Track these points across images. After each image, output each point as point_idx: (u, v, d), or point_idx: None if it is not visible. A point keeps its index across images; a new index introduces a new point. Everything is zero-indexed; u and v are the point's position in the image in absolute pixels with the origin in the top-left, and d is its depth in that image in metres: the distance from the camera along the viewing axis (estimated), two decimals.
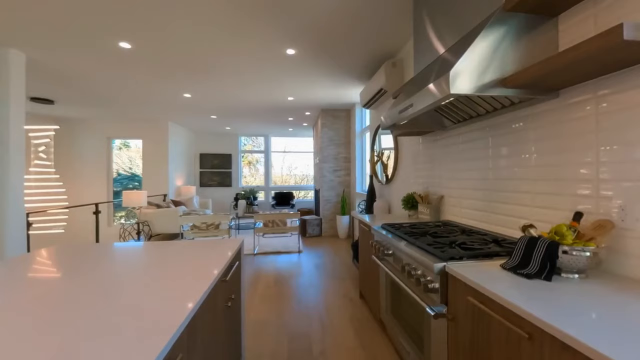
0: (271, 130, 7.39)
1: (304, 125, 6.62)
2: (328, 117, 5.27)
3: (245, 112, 5.37)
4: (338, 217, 5.03)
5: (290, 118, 5.88)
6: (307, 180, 8.74)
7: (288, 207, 7.60)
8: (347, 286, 2.90)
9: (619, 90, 0.97)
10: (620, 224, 0.96)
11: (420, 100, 1.35)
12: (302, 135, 8.10)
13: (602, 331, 0.62)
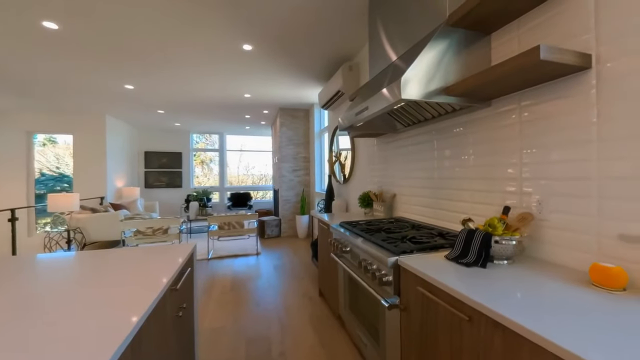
0: (226, 127, 7.06)
1: (262, 123, 6.47)
2: (287, 116, 5.23)
3: (197, 108, 5.05)
4: (297, 217, 5.03)
5: (247, 116, 5.69)
6: (266, 180, 8.56)
7: (245, 208, 7.34)
8: (307, 285, 2.91)
9: (538, 102, 1.14)
10: (538, 216, 1.13)
11: (375, 104, 1.42)
12: (260, 134, 7.89)
13: (525, 308, 0.73)
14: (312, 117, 5.09)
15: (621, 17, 0.88)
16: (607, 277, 0.83)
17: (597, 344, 0.57)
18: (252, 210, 7.28)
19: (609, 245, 0.92)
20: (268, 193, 8.47)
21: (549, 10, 1.09)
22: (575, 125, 1.01)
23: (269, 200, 8.17)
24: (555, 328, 0.63)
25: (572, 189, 1.02)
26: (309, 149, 5.36)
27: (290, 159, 5.29)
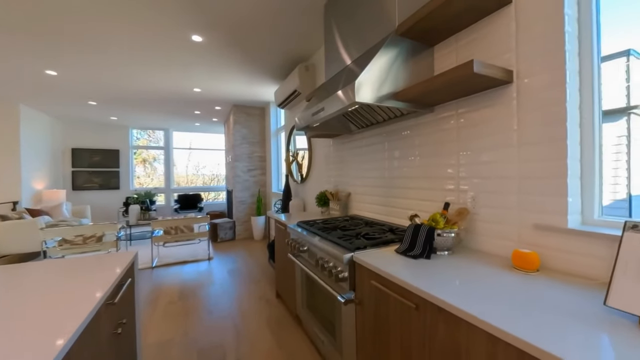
0: (173, 123, 6.52)
1: (214, 120, 6.13)
2: (241, 113, 5.04)
3: (138, 101, 4.57)
4: (253, 218, 4.88)
5: (197, 112, 5.33)
6: (218, 181, 8.13)
7: (195, 210, 6.87)
8: (264, 288, 2.85)
9: (471, 109, 1.29)
10: (473, 210, 1.28)
11: (331, 105, 1.45)
12: (212, 131, 7.43)
13: (462, 293, 0.82)
14: (268, 115, 5.00)
15: (535, 41, 1.05)
16: (525, 261, 0.98)
17: (513, 317, 0.67)
18: (203, 212, 6.85)
19: (526, 234, 1.08)
20: (221, 194, 8.06)
21: (480, 29, 1.24)
22: (500, 131, 1.17)
23: (222, 201, 7.78)
24: (484, 308, 0.72)
25: (497, 186, 1.18)
26: (265, 148, 5.25)
27: (245, 158, 5.12)
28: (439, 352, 0.82)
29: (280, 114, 4.79)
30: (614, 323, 0.64)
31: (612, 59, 3.04)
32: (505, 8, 1.13)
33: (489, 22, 1.20)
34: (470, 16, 1.21)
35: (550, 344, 0.57)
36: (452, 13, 1.19)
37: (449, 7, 1.14)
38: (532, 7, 1.05)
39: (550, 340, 0.58)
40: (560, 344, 0.57)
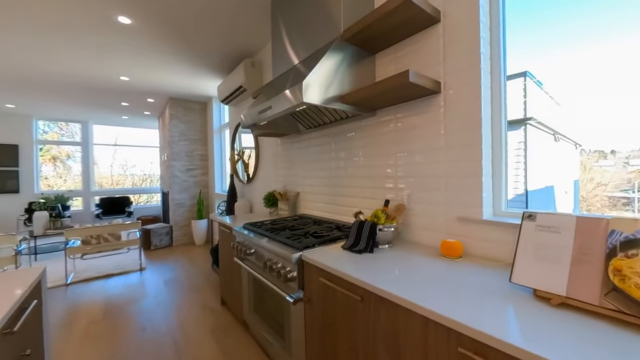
0: (94, 115, 5.63)
1: (146, 114, 5.48)
2: (179, 108, 4.61)
3: (45, 86, 3.81)
4: (194, 222, 4.52)
5: (124, 103, 4.70)
6: (152, 181, 7.31)
7: (122, 216, 6.05)
8: (207, 296, 2.66)
9: (407, 115, 1.42)
10: (408, 206, 1.41)
11: (278, 104, 1.44)
12: (143, 126, 6.62)
13: (400, 282, 0.89)
14: (210, 111, 4.68)
15: (457, 58, 1.21)
16: (450, 249, 1.12)
17: (441, 299, 0.76)
18: (133, 217, 6.08)
19: (452, 225, 1.24)
20: (155, 196, 7.26)
21: (415, 42, 1.37)
22: (430, 136, 1.31)
23: (156, 204, 7.02)
24: (418, 294, 0.81)
25: (428, 184, 1.32)
26: (208, 145, 4.91)
27: (184, 157, 4.71)
28: (382, 339, 0.89)
29: (224, 110, 4.54)
30: (516, 296, 0.78)
31: (514, 78, 3.69)
32: (435, 26, 1.28)
33: (422, 37, 1.34)
34: (406, 30, 1.33)
35: (469, 319, 0.66)
36: (390, 25, 1.29)
37: (388, 19, 1.24)
38: (456, 28, 1.21)
39: (469, 315, 0.68)
40: (476, 317, 0.67)
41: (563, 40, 1.80)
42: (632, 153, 3.05)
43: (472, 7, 1.15)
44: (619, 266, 0.67)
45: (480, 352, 0.63)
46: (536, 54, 1.85)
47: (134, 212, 6.25)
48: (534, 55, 1.88)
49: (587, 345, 0.56)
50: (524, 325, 0.64)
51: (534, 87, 4.51)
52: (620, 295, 0.65)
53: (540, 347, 0.55)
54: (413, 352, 0.79)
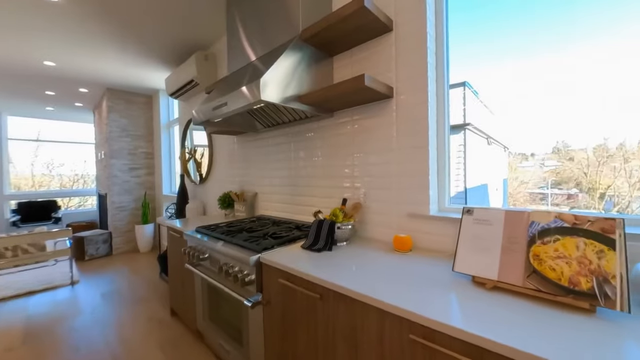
0: (8, 106, 4.74)
1: (78, 105, 4.80)
2: (119, 100, 4.14)
3: None
4: (138, 227, 4.10)
5: (49, 92, 4.06)
6: (85, 182, 6.44)
7: (48, 222, 5.22)
8: (154, 307, 2.44)
9: (363, 117, 1.48)
10: (364, 204, 1.47)
11: (234, 101, 1.38)
12: (75, 119, 5.77)
13: (357, 277, 0.93)
14: (157, 105, 4.29)
15: (408, 65, 1.29)
16: (402, 244, 1.20)
17: (393, 291, 0.81)
18: (62, 224, 5.29)
19: (403, 221, 1.32)
20: (90, 199, 6.41)
21: (371, 48, 1.43)
22: (384, 138, 1.38)
23: (92, 209, 6.20)
24: (373, 288, 0.85)
25: (382, 183, 1.40)
26: (154, 143, 4.49)
27: (125, 155, 4.24)
28: (341, 334, 0.91)
29: (173, 105, 4.20)
30: (458, 283, 0.87)
31: (455, 87, 4.11)
32: (388, 34, 1.35)
33: (377, 43, 1.40)
34: (362, 35, 1.39)
35: (418, 307, 0.72)
36: (347, 30, 1.33)
37: (345, 23, 1.28)
38: (406, 38, 1.30)
39: (418, 304, 0.74)
40: (425, 305, 0.73)
41: (494, 56, 2.07)
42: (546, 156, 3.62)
43: (420, 19, 1.24)
44: (537, 252, 0.79)
45: (428, 336, 0.69)
46: (473, 66, 2.09)
47: (63, 218, 5.42)
48: (471, 67, 2.12)
49: (513, 321, 0.64)
50: (464, 308, 0.71)
51: (472, 96, 5.07)
52: (538, 277, 0.76)
53: (477, 326, 0.62)
54: (370, 343, 0.83)
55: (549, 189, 3.52)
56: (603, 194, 3.07)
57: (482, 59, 2.03)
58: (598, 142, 2.61)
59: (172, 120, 4.18)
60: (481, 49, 2.00)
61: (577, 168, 3.29)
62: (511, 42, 1.95)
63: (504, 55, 2.02)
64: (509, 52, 2.00)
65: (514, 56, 1.97)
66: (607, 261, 0.68)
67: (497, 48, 2.02)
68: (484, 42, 2.00)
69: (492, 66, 2.05)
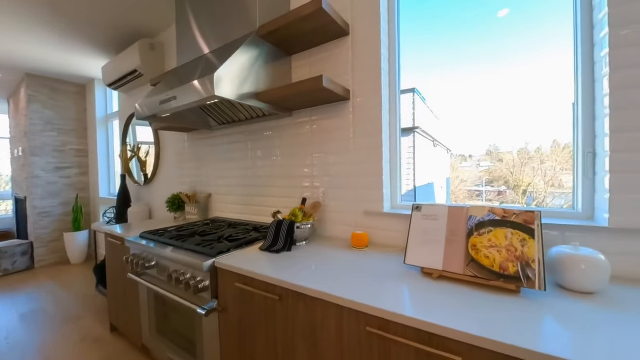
0: None
1: None
2: (42, 88, 3.55)
3: None
4: (68, 235, 3.57)
5: None
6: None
7: None
8: (89, 325, 2.15)
9: (322, 118, 1.50)
10: (324, 204, 1.49)
11: (185, 95, 1.29)
12: None
13: (316, 276, 0.94)
14: (92, 96, 3.79)
15: (363, 70, 1.35)
16: (359, 240, 1.25)
17: (351, 286, 0.84)
18: None
19: (360, 219, 1.38)
20: (4, 204, 5.39)
21: (329, 50, 1.46)
22: (342, 138, 1.42)
23: (6, 215, 5.21)
24: (332, 285, 0.87)
25: (341, 183, 1.43)
26: (88, 139, 3.96)
27: (50, 152, 3.66)
28: (301, 333, 0.91)
29: (112, 97, 3.76)
30: (409, 275, 0.93)
31: (405, 93, 4.40)
32: (346, 38, 1.39)
33: (335, 46, 1.43)
34: (320, 37, 1.40)
35: (374, 300, 0.75)
36: (306, 30, 1.33)
37: (303, 23, 1.28)
38: (362, 43, 1.35)
39: (374, 297, 0.77)
40: (379, 297, 0.77)
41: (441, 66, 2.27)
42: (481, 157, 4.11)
43: (375, 26, 1.31)
44: (474, 243, 0.89)
45: (384, 327, 0.73)
46: (421, 74, 2.27)
47: None
48: (419, 75, 2.29)
49: (455, 305, 0.71)
50: (414, 298, 0.77)
51: (420, 102, 5.50)
52: (476, 265, 0.85)
53: (425, 314, 0.68)
54: (329, 340, 0.84)
55: (484, 187, 4.01)
56: (525, 190, 3.59)
57: (429, 68, 2.21)
58: (521, 145, 3.05)
59: (110, 114, 3.74)
60: (429, 59, 2.18)
61: (505, 168, 3.80)
62: (454, 54, 2.17)
63: (447, 66, 2.23)
64: (451, 62, 2.22)
65: (456, 67, 2.19)
66: (529, 248, 0.80)
67: (443, 59, 2.23)
68: (431, 52, 2.19)
69: (438, 75, 2.26)
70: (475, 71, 2.09)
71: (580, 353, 0.52)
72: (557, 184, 3.70)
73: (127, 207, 2.73)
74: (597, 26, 0.94)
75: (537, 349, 0.54)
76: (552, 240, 0.95)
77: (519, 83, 1.97)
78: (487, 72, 2.01)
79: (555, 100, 1.42)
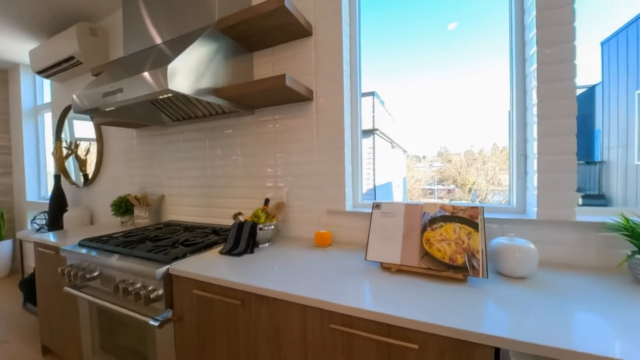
0: None
1: None
2: None
3: None
4: None
5: None
6: None
7: None
8: (15, 349, 1.85)
9: (285, 117, 1.48)
10: (287, 204, 1.48)
11: (133, 88, 1.18)
12: None
13: (280, 277, 0.92)
14: (16, 84, 3.27)
15: (325, 71, 1.36)
16: (322, 239, 1.26)
17: (314, 285, 0.85)
18: None
19: (323, 218, 1.39)
20: None
21: (293, 49, 1.45)
22: (306, 138, 1.42)
23: None
24: (295, 285, 0.86)
25: (304, 182, 1.44)
26: (12, 134, 3.40)
27: None
28: (264, 335, 0.89)
29: (42, 86, 3.28)
30: (369, 270, 0.97)
31: (365, 96, 4.59)
32: (309, 38, 1.40)
33: (298, 45, 1.43)
34: (283, 35, 1.39)
35: (336, 297, 0.77)
36: (268, 26, 1.31)
37: (265, 20, 1.25)
38: (325, 44, 1.36)
39: (336, 294, 0.79)
40: (342, 294, 0.79)
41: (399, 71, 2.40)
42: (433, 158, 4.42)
43: (336, 28, 1.33)
44: (428, 237, 0.95)
45: (347, 323, 0.75)
46: (380, 78, 2.38)
47: None
48: (379, 79, 2.40)
49: (411, 297, 0.76)
50: (375, 292, 0.80)
51: (379, 105, 5.76)
52: (429, 257, 0.92)
53: (384, 306, 0.71)
54: (293, 341, 0.84)
55: (435, 185, 4.32)
56: (470, 188, 3.95)
57: (388, 72, 2.33)
58: (467, 148, 3.36)
59: (40, 106, 3.26)
60: (388, 64, 2.29)
61: (454, 168, 4.13)
62: (410, 61, 2.31)
63: (404, 71, 2.37)
64: (408, 69, 2.36)
65: (411, 73, 2.34)
66: (474, 240, 0.88)
67: (400, 65, 2.36)
68: (390, 58, 2.31)
69: (395, 80, 2.39)
70: (428, 78, 2.25)
71: (514, 330, 0.59)
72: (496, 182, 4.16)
73: (63, 211, 2.40)
74: (528, 44, 1.08)
75: (480, 331, 0.60)
76: (493, 233, 1.06)
77: (466, 91, 2.17)
78: (438, 79, 2.19)
79: (495, 107, 1.59)
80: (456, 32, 1.82)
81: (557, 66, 0.97)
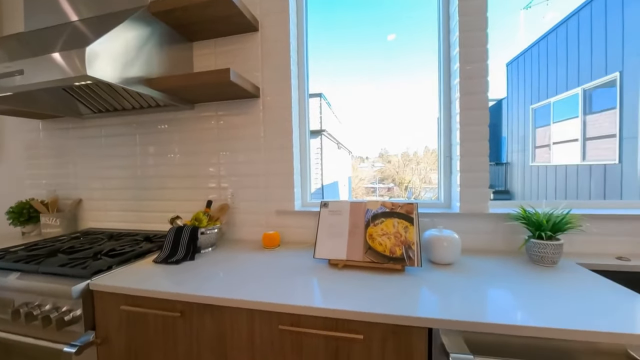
0: None
1: None
2: None
3: None
4: None
5: None
6: None
7: None
8: None
9: (230, 114, 1.41)
10: (232, 205, 1.41)
11: (38, 70, 0.98)
12: None
13: (225, 284, 0.88)
14: None
15: (272, 69, 1.34)
16: (270, 240, 1.24)
17: (262, 288, 0.83)
18: None
19: (271, 218, 1.37)
20: None
21: (238, 42, 1.38)
22: (252, 137, 1.38)
23: None
24: (242, 290, 0.83)
25: (251, 182, 1.39)
26: None
27: None
28: (208, 345, 0.83)
29: None
30: (318, 268, 0.98)
31: (313, 97, 4.69)
32: (255, 33, 1.35)
33: (244, 39, 1.37)
34: (227, 27, 1.32)
35: (283, 298, 0.77)
36: (210, 16, 1.23)
37: (206, 9, 1.17)
38: (271, 41, 1.34)
39: (284, 295, 0.78)
40: (290, 294, 0.79)
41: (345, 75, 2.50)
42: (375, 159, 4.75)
43: (283, 26, 1.32)
44: (371, 232, 1.02)
45: (295, 323, 0.75)
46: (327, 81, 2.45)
47: None
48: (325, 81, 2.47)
49: (356, 289, 0.80)
50: (322, 289, 0.82)
51: (326, 107, 5.92)
52: (372, 252, 0.98)
53: (331, 302, 0.74)
54: (240, 347, 0.80)
55: (377, 184, 4.64)
56: (407, 186, 4.34)
57: (334, 76, 2.40)
58: (403, 150, 3.71)
59: None
60: (334, 66, 2.37)
61: (393, 168, 4.50)
62: (355, 66, 2.42)
63: (349, 76, 2.47)
64: (352, 73, 2.47)
65: (356, 77, 2.45)
66: (410, 233, 0.98)
67: (346, 69, 2.46)
68: (336, 60, 2.39)
69: (341, 83, 2.48)
70: (371, 83, 2.41)
71: (443, 311, 0.68)
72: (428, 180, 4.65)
73: None
74: (453, 60, 1.23)
75: (415, 314, 0.66)
76: (426, 225, 1.19)
77: (403, 97, 2.38)
78: (380, 85, 2.35)
79: (427, 114, 1.78)
80: (395, 43, 1.99)
81: (475, 81, 1.14)
